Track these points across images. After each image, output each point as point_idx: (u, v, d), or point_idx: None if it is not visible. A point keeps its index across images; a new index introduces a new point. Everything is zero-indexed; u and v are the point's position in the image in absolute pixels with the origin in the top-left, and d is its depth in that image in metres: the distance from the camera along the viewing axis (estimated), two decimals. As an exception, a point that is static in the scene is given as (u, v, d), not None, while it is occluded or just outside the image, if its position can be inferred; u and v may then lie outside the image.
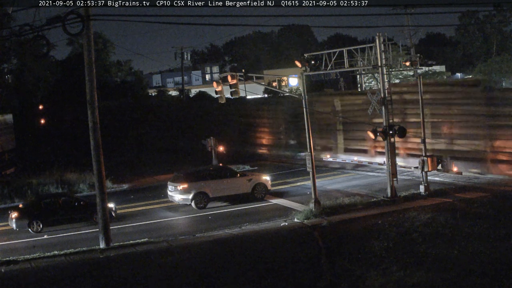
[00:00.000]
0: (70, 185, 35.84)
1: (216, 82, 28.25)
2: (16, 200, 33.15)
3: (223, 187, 29.81)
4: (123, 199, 33.01)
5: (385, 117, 26.88)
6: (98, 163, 22.70)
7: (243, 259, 20.54)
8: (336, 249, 20.93)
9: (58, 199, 27.56)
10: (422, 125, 29.32)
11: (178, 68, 76.97)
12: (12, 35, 37.70)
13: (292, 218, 25.48)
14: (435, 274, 17.67)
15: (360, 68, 33.13)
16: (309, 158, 26.55)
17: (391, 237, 21.34)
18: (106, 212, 23.02)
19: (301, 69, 27.00)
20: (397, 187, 27.57)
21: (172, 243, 22.73)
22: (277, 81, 66.15)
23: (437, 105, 33.46)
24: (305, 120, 26.54)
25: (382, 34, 26.93)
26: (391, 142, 26.94)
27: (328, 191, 30.85)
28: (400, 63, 32.37)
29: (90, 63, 22.38)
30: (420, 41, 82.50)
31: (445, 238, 20.82)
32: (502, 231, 21.05)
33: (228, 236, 23.51)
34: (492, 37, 75.84)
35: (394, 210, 25.07)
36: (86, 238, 24.94)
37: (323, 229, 23.47)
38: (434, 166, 28.50)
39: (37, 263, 20.91)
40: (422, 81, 29.12)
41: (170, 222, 27.53)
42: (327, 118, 40.15)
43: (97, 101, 22.64)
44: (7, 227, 26.95)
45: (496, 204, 24.89)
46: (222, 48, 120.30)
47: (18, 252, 22.65)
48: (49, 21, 19.95)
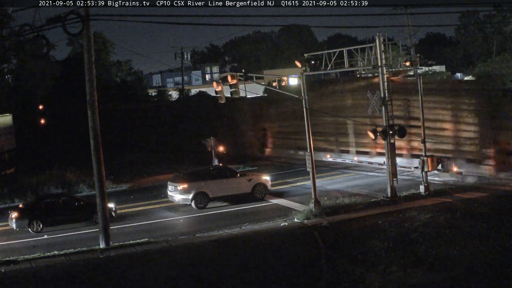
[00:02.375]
0: (70, 185, 35.84)
1: (216, 82, 28.28)
2: (16, 200, 33.16)
3: (223, 187, 29.81)
4: (123, 199, 33.01)
5: (385, 117, 26.89)
6: (98, 163, 22.70)
7: (243, 259, 20.55)
8: (336, 249, 20.93)
9: (58, 199, 27.56)
10: (422, 125, 29.35)
11: (178, 68, 76.95)
12: (12, 35, 37.78)
13: (292, 218, 25.48)
14: (435, 274, 17.67)
15: (360, 68, 33.13)
16: (309, 158, 26.55)
17: (391, 237, 21.34)
18: (106, 212, 23.04)
19: (301, 69, 27.00)
20: (397, 187, 27.57)
21: (172, 243, 22.73)
22: (277, 81, 66.11)
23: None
24: (305, 120, 26.55)
25: (382, 34, 26.95)
26: (391, 142, 26.95)
27: (328, 191, 30.85)
28: (400, 63, 32.38)
29: (90, 63, 22.38)
30: (420, 41, 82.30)
31: (445, 238, 20.82)
32: (502, 231, 21.05)
33: (228, 236, 23.51)
34: (492, 37, 75.76)
35: (394, 210, 25.09)
36: (86, 238, 24.94)
37: (323, 229, 23.47)
38: (434, 166, 28.52)
39: (37, 263, 20.91)
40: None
41: (170, 222, 27.53)
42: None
43: (97, 102, 22.66)
44: (7, 227, 26.96)
45: (496, 204, 24.90)
46: (222, 48, 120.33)
47: (18, 252, 22.65)
48: (49, 21, 19.96)
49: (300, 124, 32.16)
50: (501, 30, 77.02)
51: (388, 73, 27.79)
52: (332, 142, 41.60)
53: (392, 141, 26.95)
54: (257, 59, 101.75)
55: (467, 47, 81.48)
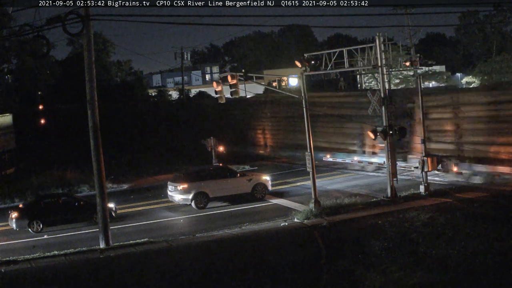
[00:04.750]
0: (70, 185, 35.87)
1: (216, 82, 28.28)
2: (16, 200, 33.18)
3: (223, 187, 29.81)
4: (123, 199, 33.01)
5: (385, 117, 26.88)
6: (98, 163, 22.70)
7: (243, 259, 20.53)
8: (336, 249, 20.91)
9: (58, 199, 27.59)
10: (422, 125, 29.33)
11: (178, 68, 76.94)
12: (12, 35, 37.80)
13: (292, 218, 25.47)
14: (435, 274, 17.64)
15: (360, 68, 33.11)
16: (309, 158, 26.54)
17: (391, 237, 21.32)
18: (106, 212, 23.04)
19: (301, 69, 26.99)
20: (397, 187, 27.57)
21: (172, 243, 22.73)
22: (277, 81, 66.29)
23: None
24: (305, 120, 26.54)
25: (382, 34, 26.97)
26: (391, 142, 26.94)
27: (328, 191, 30.85)
28: (400, 63, 32.32)
29: (90, 63, 22.38)
30: (420, 41, 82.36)
31: (445, 238, 20.80)
32: (502, 231, 21.03)
33: (228, 236, 23.51)
34: (492, 37, 75.76)
35: (394, 210, 25.07)
36: (86, 238, 24.95)
37: (323, 229, 23.46)
38: (434, 166, 28.50)
39: (37, 263, 20.91)
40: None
41: (170, 222, 27.53)
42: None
43: (97, 102, 22.66)
44: (7, 227, 26.96)
45: (496, 204, 24.89)
46: (222, 48, 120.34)
47: (18, 252, 22.65)
48: (49, 21, 19.98)
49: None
50: (501, 30, 77.05)
51: (388, 73, 27.80)
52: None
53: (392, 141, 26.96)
54: (257, 59, 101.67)
55: (467, 47, 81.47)
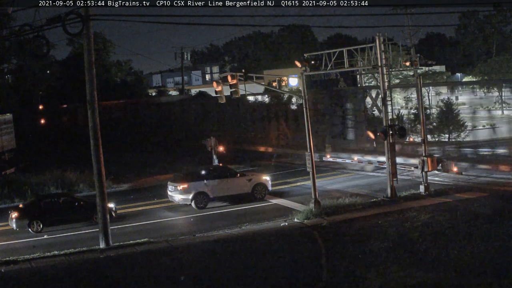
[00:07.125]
0: (70, 185, 35.81)
1: (216, 82, 28.29)
2: (16, 200, 33.15)
3: (223, 187, 29.80)
4: (123, 199, 32.98)
5: (385, 117, 26.88)
6: (98, 163, 22.70)
7: (243, 259, 20.53)
8: (336, 249, 20.91)
9: (58, 199, 27.56)
10: (422, 125, 29.33)
11: (178, 68, 77.03)
12: (12, 35, 37.79)
13: (292, 218, 25.47)
14: (435, 274, 17.65)
15: (360, 68, 33.05)
16: (309, 158, 26.53)
17: (391, 237, 21.33)
18: (106, 212, 23.03)
19: (301, 69, 26.99)
20: (397, 187, 27.56)
21: (172, 243, 22.73)
22: (277, 81, 66.23)
23: None
24: (305, 120, 26.53)
25: (382, 34, 27.01)
26: (391, 142, 26.93)
27: (328, 191, 30.83)
28: (400, 63, 32.31)
29: (90, 63, 22.38)
30: (420, 41, 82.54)
31: (445, 238, 20.81)
32: (502, 231, 21.03)
33: (228, 236, 23.50)
34: (492, 37, 75.83)
35: (394, 210, 25.06)
36: (86, 238, 24.94)
37: (323, 229, 23.45)
38: (434, 166, 28.49)
39: (37, 263, 20.91)
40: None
41: (170, 222, 27.53)
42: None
43: (97, 102, 22.66)
44: (7, 227, 26.94)
45: (496, 204, 24.88)
46: (222, 48, 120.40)
47: (18, 252, 22.63)
48: (49, 21, 19.98)
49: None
50: (501, 30, 77.12)
51: (388, 73, 27.81)
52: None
53: (392, 141, 26.95)
54: (257, 59, 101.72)
55: (467, 47, 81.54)
